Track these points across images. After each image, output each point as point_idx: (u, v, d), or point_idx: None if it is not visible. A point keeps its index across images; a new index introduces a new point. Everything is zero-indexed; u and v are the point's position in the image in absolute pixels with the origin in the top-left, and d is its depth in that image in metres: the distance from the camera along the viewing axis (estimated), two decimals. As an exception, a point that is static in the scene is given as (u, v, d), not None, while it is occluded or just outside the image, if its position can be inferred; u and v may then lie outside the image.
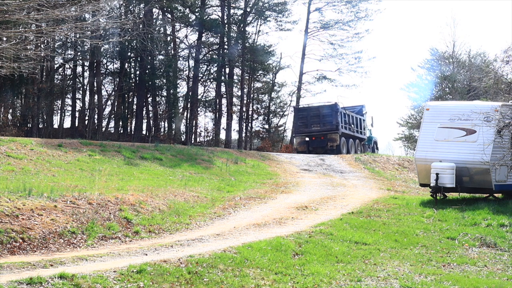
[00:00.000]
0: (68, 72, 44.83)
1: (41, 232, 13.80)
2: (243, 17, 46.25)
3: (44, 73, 40.00)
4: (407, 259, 14.54)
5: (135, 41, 39.76)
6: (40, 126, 40.20)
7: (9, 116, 40.55)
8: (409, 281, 12.69)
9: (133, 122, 45.17)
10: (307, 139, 38.92)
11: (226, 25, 45.36)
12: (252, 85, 48.37)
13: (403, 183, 29.10)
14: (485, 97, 35.88)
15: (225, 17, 45.51)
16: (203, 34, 45.17)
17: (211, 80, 47.40)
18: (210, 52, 46.62)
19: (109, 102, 44.86)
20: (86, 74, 44.73)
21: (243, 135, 46.94)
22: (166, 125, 46.47)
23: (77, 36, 23.53)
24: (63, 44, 40.90)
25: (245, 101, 47.30)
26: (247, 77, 47.68)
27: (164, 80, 45.02)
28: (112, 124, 45.78)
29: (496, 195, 21.78)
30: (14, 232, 13.37)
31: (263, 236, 15.34)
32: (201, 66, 45.88)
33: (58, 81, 43.52)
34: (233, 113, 46.14)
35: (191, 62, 46.21)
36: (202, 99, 47.61)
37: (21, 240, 13.26)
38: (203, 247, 13.85)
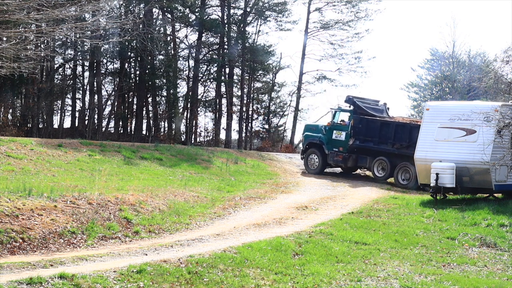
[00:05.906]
0: (68, 72, 44.80)
1: (41, 232, 13.80)
2: (243, 17, 46.20)
3: (44, 73, 39.96)
4: (407, 259, 14.54)
5: (135, 41, 39.70)
6: (40, 126, 40.15)
7: (9, 116, 40.50)
8: (409, 281, 12.69)
9: (133, 122, 45.12)
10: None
11: (226, 25, 45.30)
12: (252, 85, 48.29)
13: (403, 183, 29.05)
14: (485, 97, 35.85)
15: (225, 17, 45.46)
16: (203, 34, 45.12)
17: (211, 80, 47.35)
18: (210, 52, 46.58)
19: (109, 102, 44.81)
20: (86, 74, 44.69)
21: (243, 135, 46.88)
22: (166, 125, 46.41)
23: (77, 36, 23.49)
24: (63, 44, 40.83)
25: (245, 101, 47.25)
26: (247, 77, 47.62)
27: (164, 80, 44.96)
28: (112, 124, 45.73)
29: (496, 195, 21.78)
30: (14, 232, 13.37)
31: (263, 236, 15.34)
32: (201, 66, 45.82)
33: (58, 81, 43.45)
34: (233, 113, 46.09)
35: (191, 62, 46.17)
36: (202, 99, 47.54)
37: (21, 240, 13.26)
38: (203, 247, 13.85)
